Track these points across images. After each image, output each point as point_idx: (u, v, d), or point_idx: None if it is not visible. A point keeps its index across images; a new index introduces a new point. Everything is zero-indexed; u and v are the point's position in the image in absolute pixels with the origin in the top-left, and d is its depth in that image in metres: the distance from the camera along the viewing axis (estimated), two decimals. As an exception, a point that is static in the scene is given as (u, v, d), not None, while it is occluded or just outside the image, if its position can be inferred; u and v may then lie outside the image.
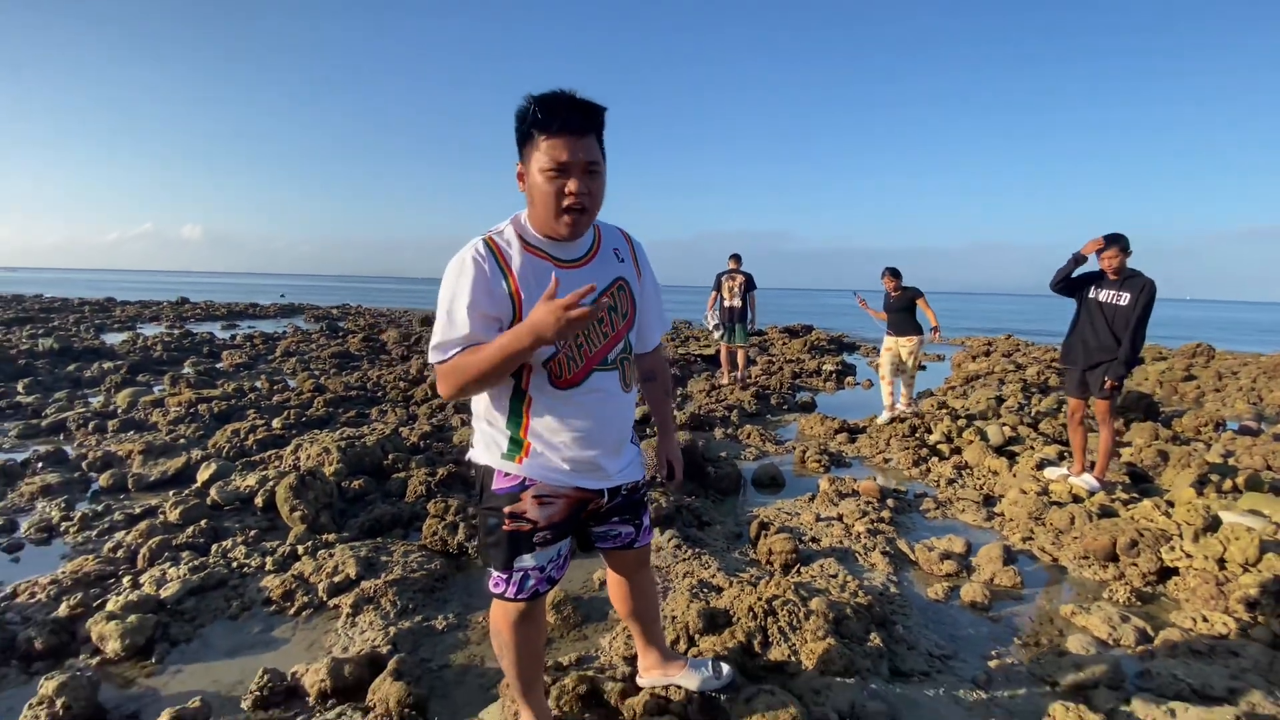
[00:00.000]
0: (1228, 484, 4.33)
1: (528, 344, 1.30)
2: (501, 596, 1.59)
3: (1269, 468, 4.98)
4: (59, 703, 2.00)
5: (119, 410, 6.22)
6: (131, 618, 2.45)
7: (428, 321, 17.36)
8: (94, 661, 2.37)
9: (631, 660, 2.19)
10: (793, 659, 2.20)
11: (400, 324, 17.54)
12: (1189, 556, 3.12)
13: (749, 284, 8.16)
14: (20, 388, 7.16)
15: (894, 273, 6.70)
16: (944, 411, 6.63)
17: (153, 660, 2.38)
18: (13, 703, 2.14)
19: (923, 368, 12.10)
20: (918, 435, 5.75)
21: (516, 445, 1.52)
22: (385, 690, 2.03)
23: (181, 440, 5.27)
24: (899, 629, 2.57)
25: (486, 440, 1.57)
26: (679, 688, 1.94)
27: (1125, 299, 4.05)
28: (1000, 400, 7.29)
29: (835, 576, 2.93)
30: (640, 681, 2.02)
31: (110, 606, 2.56)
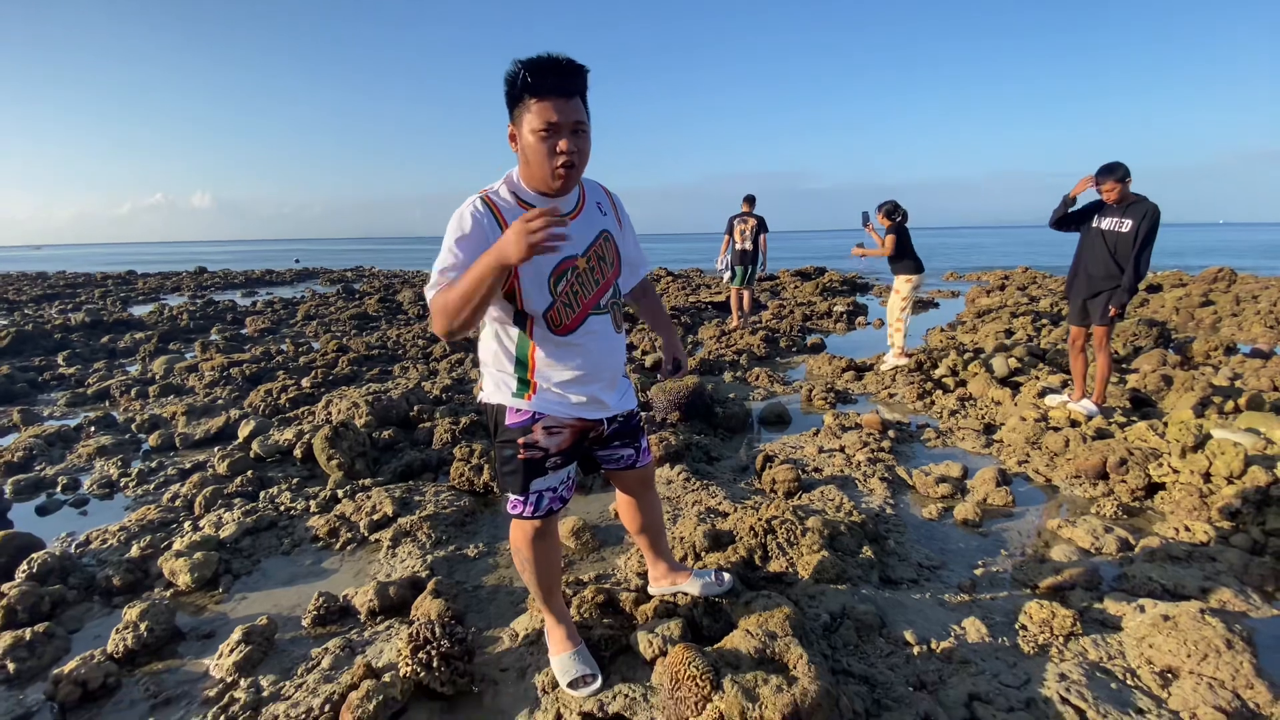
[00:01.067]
0: (1229, 405, 4.41)
1: (492, 260, 1.35)
2: (520, 516, 1.80)
3: (1275, 388, 5.02)
4: (143, 626, 2.28)
5: (157, 377, 6.54)
6: (198, 554, 2.74)
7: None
8: (168, 593, 2.66)
9: (643, 575, 2.44)
10: (790, 570, 2.42)
11: (414, 284, 17.72)
12: (1175, 472, 3.25)
13: (760, 227, 8.16)
14: (60, 360, 7.53)
15: (882, 207, 6.22)
16: (951, 345, 6.72)
17: (219, 590, 2.68)
18: (99, 630, 2.44)
19: (935, 304, 12.07)
20: (924, 370, 5.86)
21: (525, 385, 1.70)
22: (427, 606, 2.29)
23: (219, 401, 5.57)
24: (891, 544, 2.78)
25: (497, 382, 1.74)
26: (685, 594, 2.17)
27: (1127, 225, 4.07)
28: (1009, 333, 7.33)
29: (834, 500, 3.13)
30: (651, 590, 2.25)
31: (177, 546, 2.85)
